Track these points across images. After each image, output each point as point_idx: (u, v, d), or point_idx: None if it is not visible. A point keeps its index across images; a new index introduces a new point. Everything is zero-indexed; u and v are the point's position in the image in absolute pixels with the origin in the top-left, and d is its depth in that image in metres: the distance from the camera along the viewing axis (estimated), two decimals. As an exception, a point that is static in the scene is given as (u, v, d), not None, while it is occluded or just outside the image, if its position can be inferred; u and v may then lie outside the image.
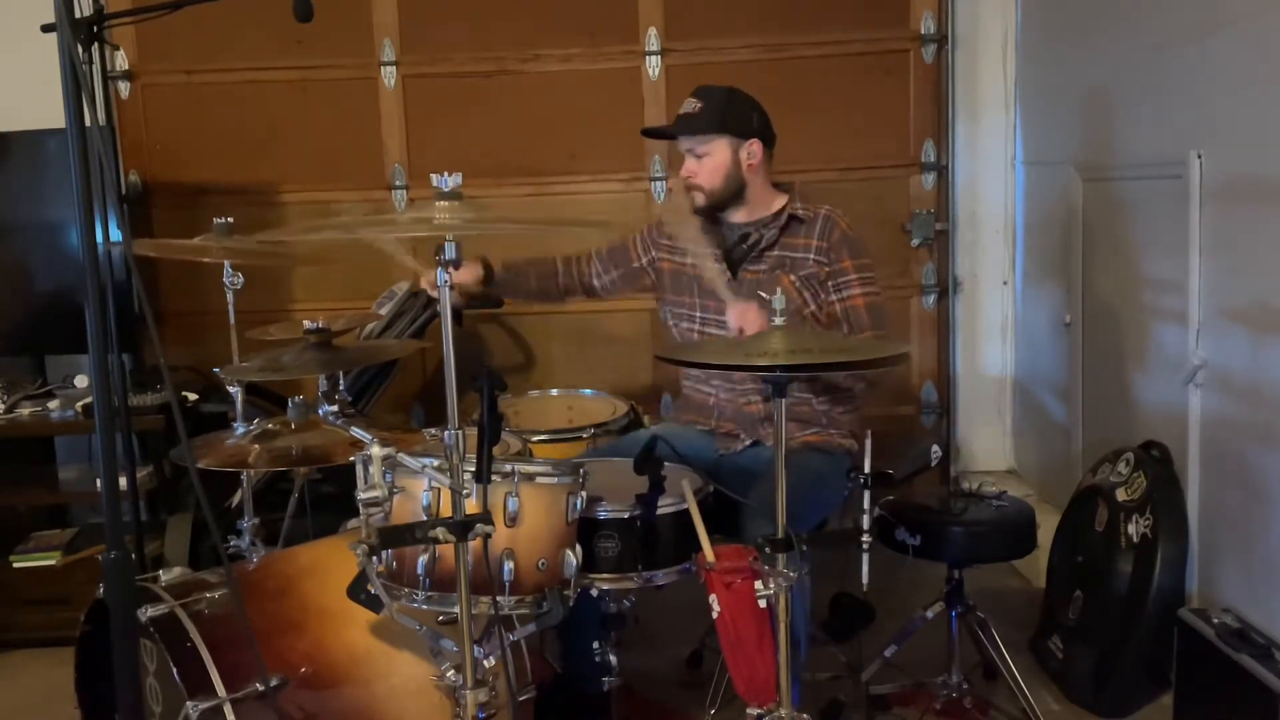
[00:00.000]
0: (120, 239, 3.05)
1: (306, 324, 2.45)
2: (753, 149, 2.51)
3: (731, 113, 2.50)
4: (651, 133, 2.78)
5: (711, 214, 2.59)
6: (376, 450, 1.73)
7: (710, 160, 2.51)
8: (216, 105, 3.86)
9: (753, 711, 2.01)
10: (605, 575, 2.11)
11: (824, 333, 2.53)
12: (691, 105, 2.52)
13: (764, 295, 2.45)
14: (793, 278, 2.52)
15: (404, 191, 3.87)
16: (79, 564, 3.30)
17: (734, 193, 2.54)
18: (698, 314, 2.64)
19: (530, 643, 2.16)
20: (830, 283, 2.52)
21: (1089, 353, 3.34)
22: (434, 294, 2.47)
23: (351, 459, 1.91)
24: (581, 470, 1.94)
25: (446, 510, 1.75)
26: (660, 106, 3.78)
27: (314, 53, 3.79)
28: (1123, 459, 2.79)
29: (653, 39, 3.80)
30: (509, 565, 1.83)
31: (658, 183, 3.86)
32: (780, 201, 2.59)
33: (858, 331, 2.51)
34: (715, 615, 2.02)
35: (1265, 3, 2.33)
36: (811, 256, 2.53)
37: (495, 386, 1.70)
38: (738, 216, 2.60)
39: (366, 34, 3.82)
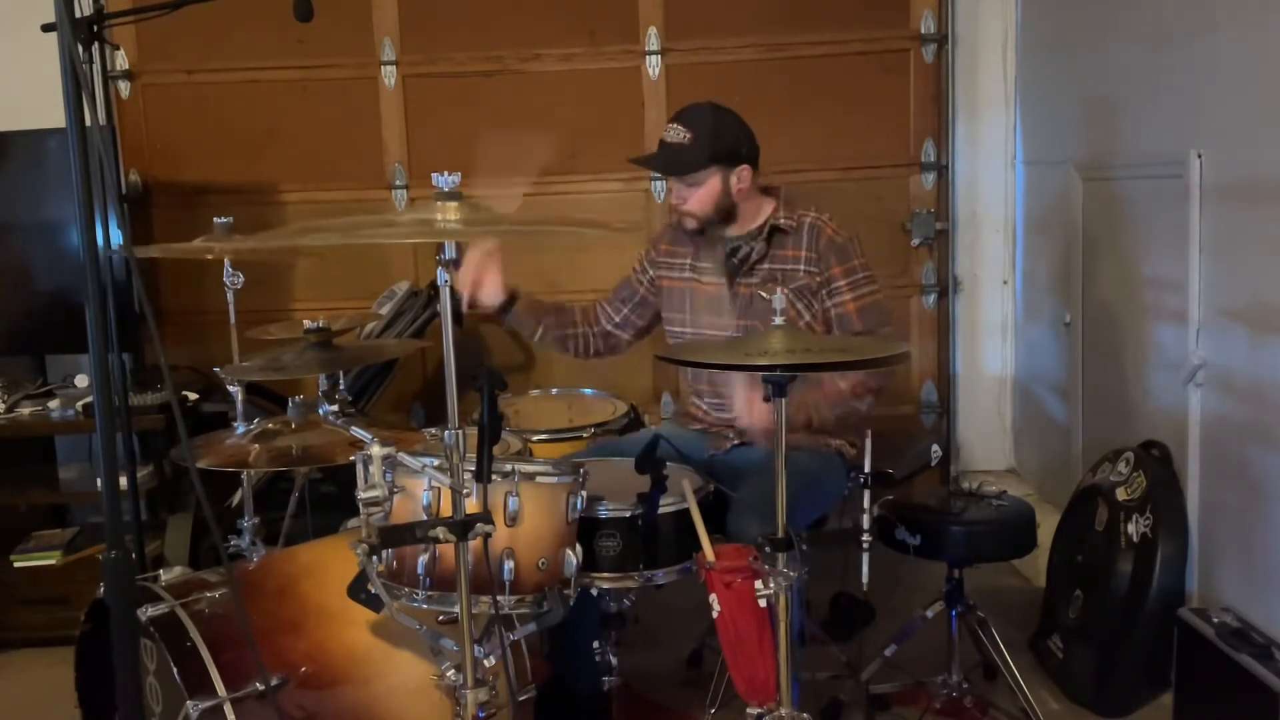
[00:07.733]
0: (120, 242, 3.05)
1: (307, 323, 2.45)
2: (742, 174, 2.50)
3: (721, 142, 2.45)
4: (642, 163, 2.76)
5: (703, 233, 2.60)
6: (376, 450, 1.73)
7: (701, 190, 2.50)
8: (216, 105, 3.86)
9: (753, 711, 2.01)
10: (606, 574, 2.11)
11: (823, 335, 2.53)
12: (678, 134, 2.46)
13: (764, 296, 2.47)
14: (784, 290, 2.51)
15: (404, 191, 3.87)
16: (79, 563, 3.30)
17: (725, 215, 2.54)
18: (689, 330, 2.64)
19: (530, 642, 2.16)
20: (823, 291, 2.53)
21: (1089, 352, 3.34)
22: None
23: (351, 459, 1.90)
24: (581, 470, 1.95)
25: (447, 510, 1.75)
26: (660, 106, 3.78)
27: (314, 52, 3.79)
28: (1123, 459, 2.79)
29: (653, 39, 3.80)
30: (509, 565, 1.83)
31: (657, 183, 3.85)
32: (767, 210, 2.58)
33: (851, 333, 2.51)
34: (715, 615, 2.02)
35: (1265, 3, 2.33)
36: (801, 268, 2.53)
37: (495, 386, 1.70)
38: (729, 231, 2.59)
39: (366, 34, 3.82)
